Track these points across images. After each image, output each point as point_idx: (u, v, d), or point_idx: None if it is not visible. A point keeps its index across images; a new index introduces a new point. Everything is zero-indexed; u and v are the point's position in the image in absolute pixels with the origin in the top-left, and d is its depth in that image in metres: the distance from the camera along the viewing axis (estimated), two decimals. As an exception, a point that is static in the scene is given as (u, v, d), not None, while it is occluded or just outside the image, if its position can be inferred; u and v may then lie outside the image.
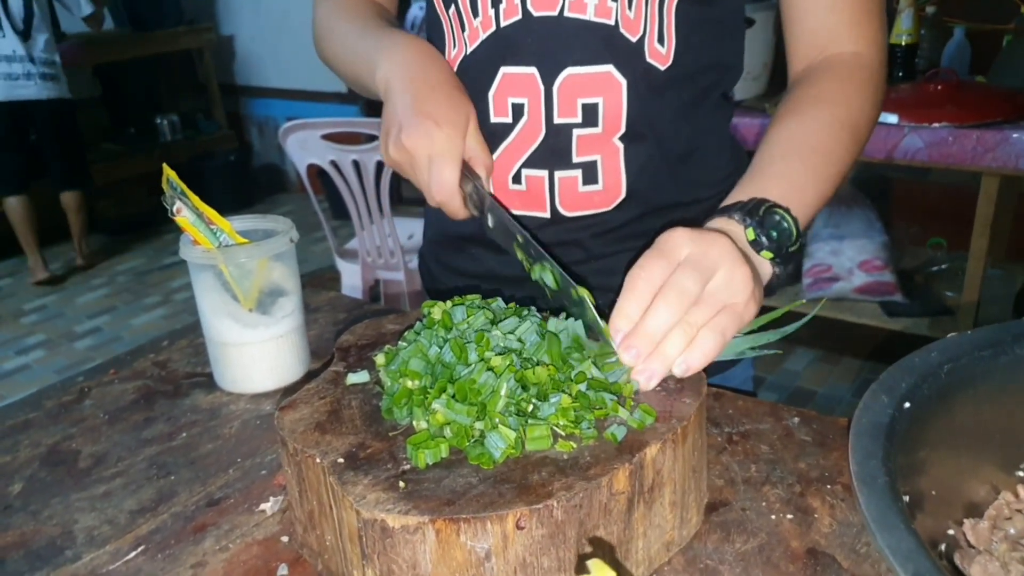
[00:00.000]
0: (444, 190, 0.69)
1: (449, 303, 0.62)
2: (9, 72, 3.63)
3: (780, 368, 2.70)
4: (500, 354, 0.53)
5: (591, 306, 0.58)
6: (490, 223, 0.69)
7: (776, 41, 2.33)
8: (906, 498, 0.43)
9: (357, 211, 2.49)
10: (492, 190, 0.72)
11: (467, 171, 0.71)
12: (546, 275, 0.64)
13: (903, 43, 2.37)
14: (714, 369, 0.82)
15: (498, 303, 0.63)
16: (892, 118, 2.09)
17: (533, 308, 0.62)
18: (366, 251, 2.57)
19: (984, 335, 0.52)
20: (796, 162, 0.69)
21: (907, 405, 0.46)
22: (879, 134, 2.09)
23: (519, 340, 0.56)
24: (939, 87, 2.13)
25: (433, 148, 0.68)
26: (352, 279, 2.67)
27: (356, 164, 2.39)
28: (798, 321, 0.63)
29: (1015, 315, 2.35)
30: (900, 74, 2.39)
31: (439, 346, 0.55)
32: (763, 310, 0.63)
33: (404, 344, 0.59)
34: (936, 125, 2.05)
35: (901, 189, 2.89)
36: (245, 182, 4.89)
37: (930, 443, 0.47)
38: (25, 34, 3.65)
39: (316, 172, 2.48)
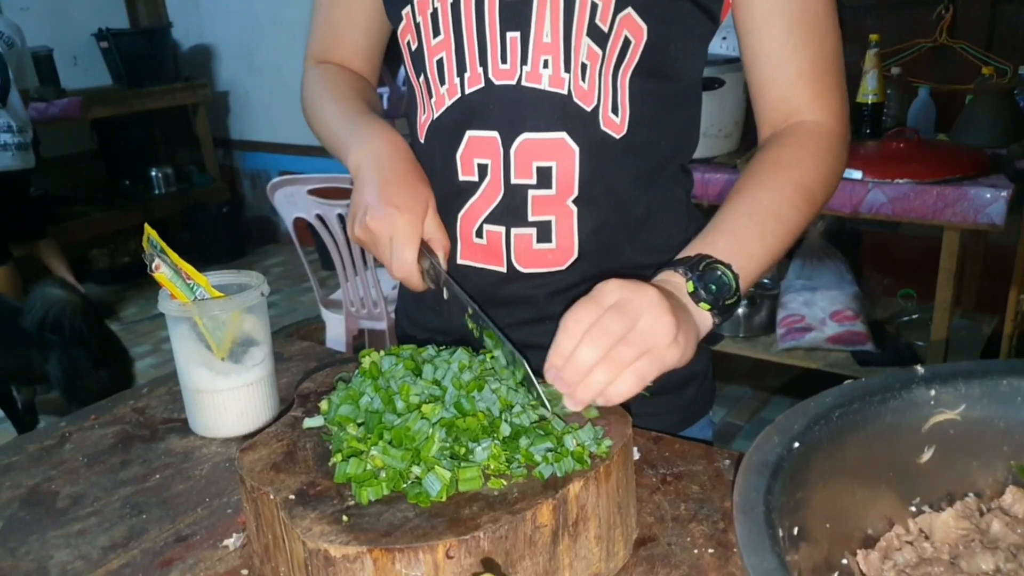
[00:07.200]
0: (403, 267, 0.78)
1: (381, 353, 0.68)
2: None
3: (757, 416, 2.74)
4: (426, 402, 0.59)
5: (528, 369, 0.65)
6: (444, 295, 0.77)
7: (746, 100, 2.43)
8: (794, 529, 0.48)
9: (342, 263, 2.55)
10: (446, 267, 0.80)
11: (425, 250, 0.79)
12: (491, 341, 0.71)
13: (869, 102, 2.48)
14: (676, 428, 0.89)
15: (428, 351, 0.69)
16: (857, 174, 2.18)
17: (459, 351, 0.69)
18: (350, 301, 2.63)
19: (876, 382, 0.58)
20: (746, 219, 0.76)
21: (796, 445, 0.51)
22: (844, 189, 2.18)
23: (440, 387, 0.62)
24: (901, 144, 2.23)
25: (395, 231, 0.77)
26: (336, 329, 2.72)
27: (341, 217, 2.47)
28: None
29: (982, 364, 2.41)
30: (868, 131, 2.50)
31: (370, 396, 0.61)
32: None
33: (337, 392, 0.65)
34: (899, 181, 2.13)
35: (871, 241, 2.97)
36: (237, 233, 4.99)
37: (820, 479, 0.52)
38: (2, 101, 3.38)
39: (305, 224, 2.55)
